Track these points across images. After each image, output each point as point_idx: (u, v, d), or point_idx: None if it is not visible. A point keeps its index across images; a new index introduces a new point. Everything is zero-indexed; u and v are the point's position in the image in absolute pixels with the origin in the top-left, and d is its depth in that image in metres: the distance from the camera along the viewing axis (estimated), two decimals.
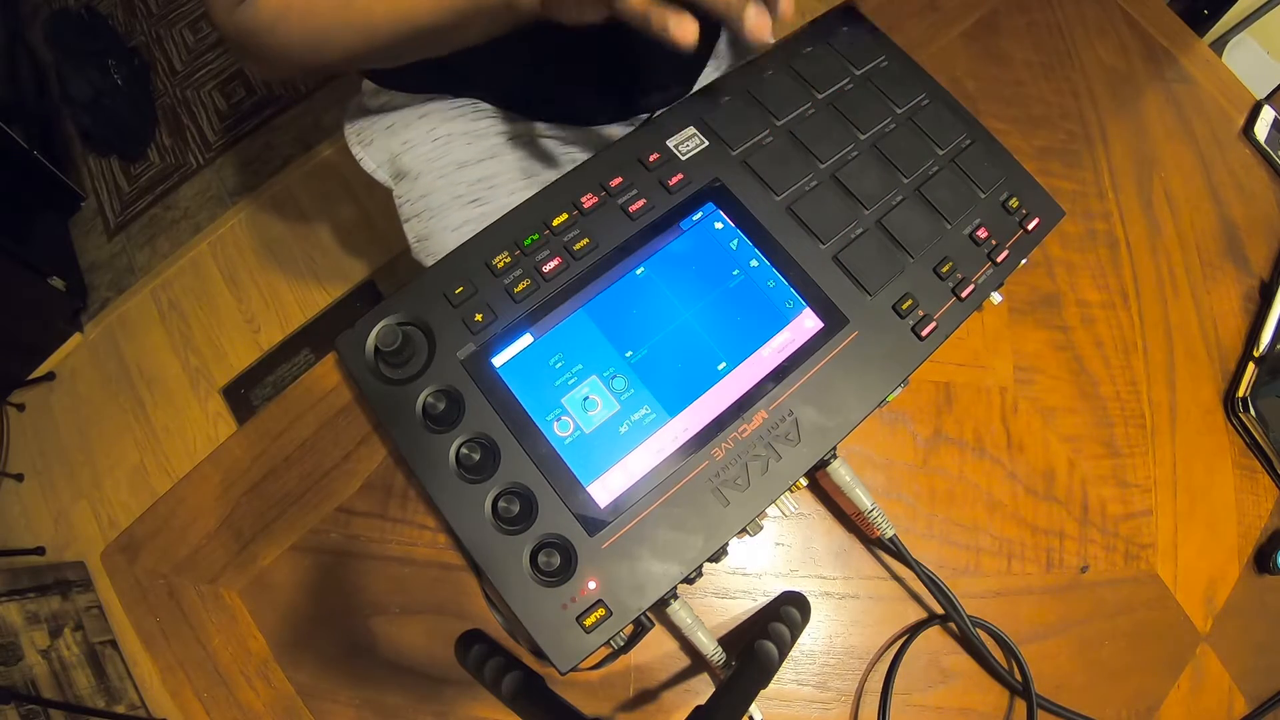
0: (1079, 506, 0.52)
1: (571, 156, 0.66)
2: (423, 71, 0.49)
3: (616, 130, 0.68)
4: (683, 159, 0.41)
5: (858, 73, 0.45)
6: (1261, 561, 0.54)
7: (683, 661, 0.45)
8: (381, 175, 0.65)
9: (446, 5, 0.41)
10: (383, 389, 0.36)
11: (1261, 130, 0.66)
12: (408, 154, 0.62)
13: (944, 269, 0.41)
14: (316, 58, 0.47)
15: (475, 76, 0.60)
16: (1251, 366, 0.57)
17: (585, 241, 0.39)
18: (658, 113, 0.46)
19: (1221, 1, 0.91)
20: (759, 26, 0.33)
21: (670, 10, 0.33)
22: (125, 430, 1.31)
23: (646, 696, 0.44)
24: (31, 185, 1.37)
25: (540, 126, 0.64)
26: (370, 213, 1.40)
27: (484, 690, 0.36)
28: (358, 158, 0.66)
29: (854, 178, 0.42)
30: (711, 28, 0.37)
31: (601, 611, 0.33)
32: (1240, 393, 0.56)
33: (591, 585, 0.34)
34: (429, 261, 0.63)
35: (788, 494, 0.38)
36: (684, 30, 0.33)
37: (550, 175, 0.63)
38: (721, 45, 0.69)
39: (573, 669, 0.33)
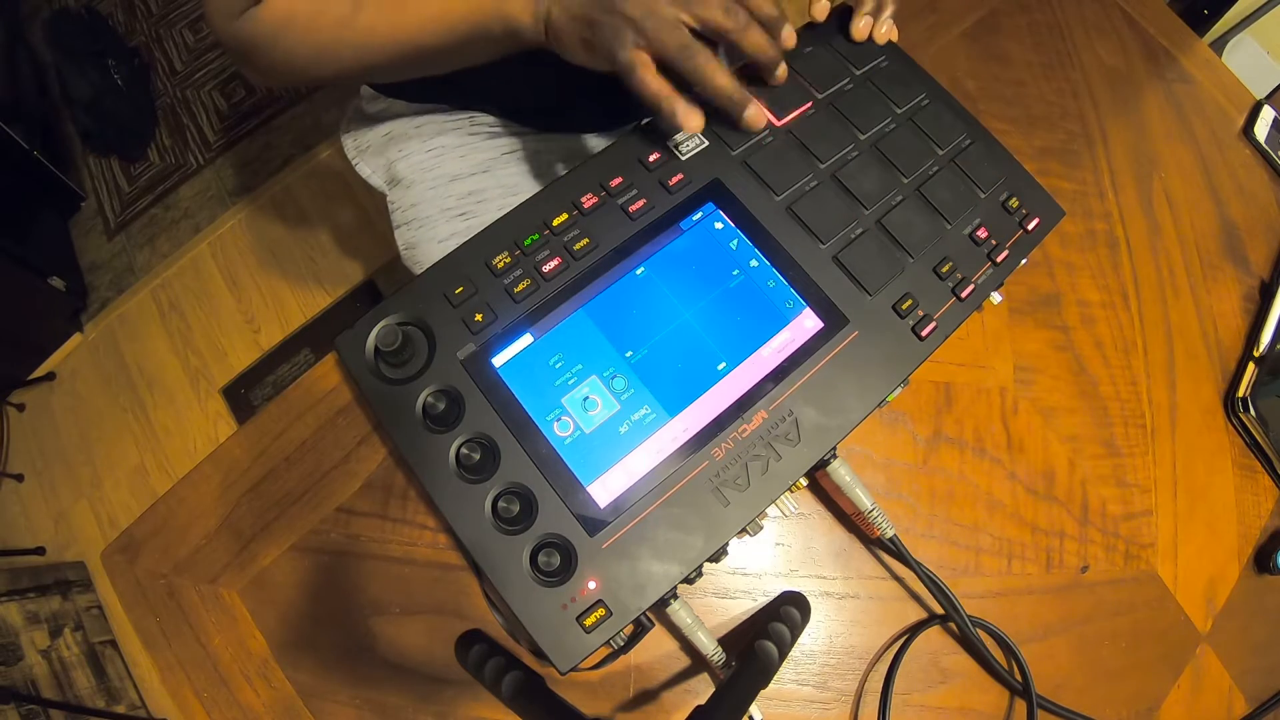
0: (1079, 506, 0.52)
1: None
2: (423, 82, 0.49)
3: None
4: (683, 159, 0.41)
5: (858, 73, 0.45)
6: (1261, 561, 0.54)
7: (683, 661, 0.45)
8: (376, 181, 0.65)
9: (449, 29, 0.41)
10: (383, 389, 0.36)
11: (1261, 130, 0.66)
12: (402, 162, 0.62)
13: (944, 269, 0.41)
14: (317, 71, 0.47)
15: (474, 87, 0.59)
16: (1251, 366, 0.57)
17: (585, 241, 0.39)
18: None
19: (1221, 1, 0.91)
20: (755, 119, 0.40)
21: (680, 100, 0.38)
22: (125, 430, 1.30)
23: (646, 696, 0.44)
24: (31, 185, 1.37)
25: (537, 139, 0.63)
26: (370, 213, 1.40)
27: (484, 690, 0.36)
28: (353, 162, 0.66)
29: (854, 178, 0.42)
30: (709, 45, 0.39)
31: (601, 611, 0.33)
32: (1240, 393, 0.56)
33: (591, 585, 0.34)
34: (416, 270, 0.63)
35: (788, 494, 0.38)
36: (691, 122, 0.38)
37: None
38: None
39: (573, 669, 0.33)
